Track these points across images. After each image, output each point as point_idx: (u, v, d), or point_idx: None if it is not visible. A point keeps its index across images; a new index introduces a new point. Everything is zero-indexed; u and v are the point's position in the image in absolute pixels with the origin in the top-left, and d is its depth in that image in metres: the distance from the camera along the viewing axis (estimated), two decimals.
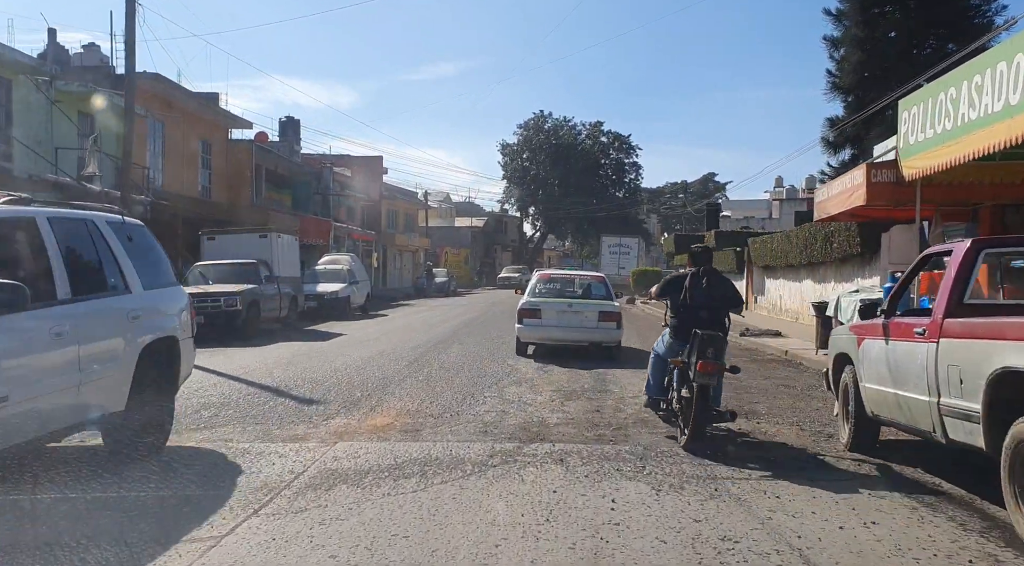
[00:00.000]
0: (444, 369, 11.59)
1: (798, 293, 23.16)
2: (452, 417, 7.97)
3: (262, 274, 17.28)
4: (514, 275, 59.48)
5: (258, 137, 32.70)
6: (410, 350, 14.05)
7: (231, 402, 8.79)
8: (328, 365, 11.93)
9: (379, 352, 13.75)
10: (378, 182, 50.30)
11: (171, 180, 25.23)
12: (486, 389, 9.79)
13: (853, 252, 17.71)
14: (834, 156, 31.60)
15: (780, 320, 23.97)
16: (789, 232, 23.31)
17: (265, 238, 18.27)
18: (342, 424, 7.63)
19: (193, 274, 17.21)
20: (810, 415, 8.49)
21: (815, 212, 15.50)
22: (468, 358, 12.98)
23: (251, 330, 16.19)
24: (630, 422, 7.88)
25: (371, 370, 11.38)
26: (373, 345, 15.01)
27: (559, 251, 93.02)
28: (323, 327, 19.54)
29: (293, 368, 11.61)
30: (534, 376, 11.08)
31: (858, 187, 11.69)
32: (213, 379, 10.59)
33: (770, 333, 17.95)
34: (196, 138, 27.21)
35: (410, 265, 56.94)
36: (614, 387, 10.18)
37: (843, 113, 31.18)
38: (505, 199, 73.14)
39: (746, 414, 8.39)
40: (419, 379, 10.56)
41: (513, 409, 8.44)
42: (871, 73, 29.68)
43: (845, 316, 12.31)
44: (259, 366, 11.92)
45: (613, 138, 72.61)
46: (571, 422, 7.80)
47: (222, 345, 14.97)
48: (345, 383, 10.15)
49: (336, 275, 23.73)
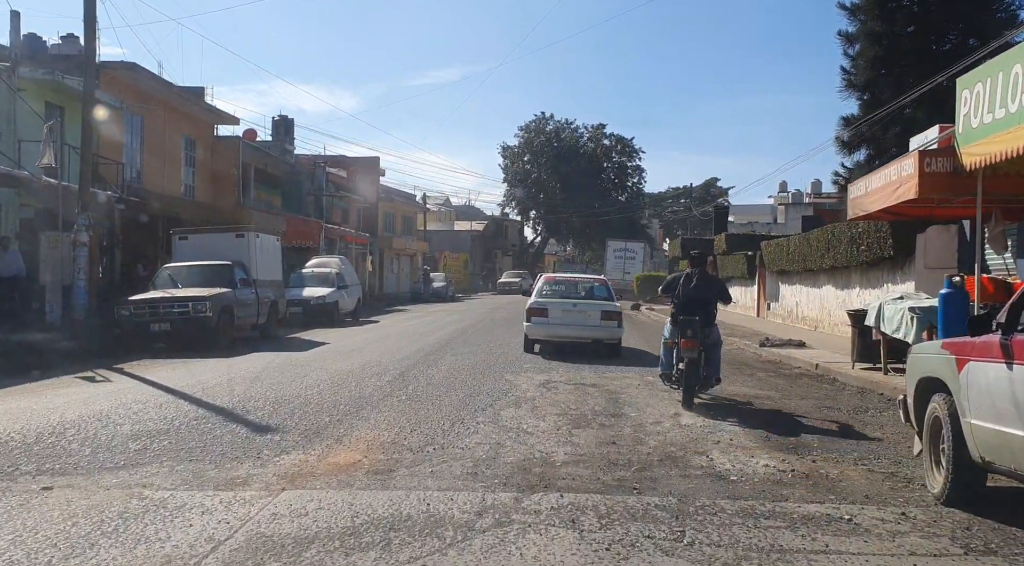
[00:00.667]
0: (432, 386, 10.08)
1: (817, 299, 21.66)
2: (435, 452, 6.47)
3: (237, 277, 15.77)
4: (514, 280, 58.01)
5: (246, 134, 31.27)
6: (397, 362, 12.54)
7: (171, 429, 7.28)
8: (300, 381, 10.42)
9: (361, 365, 12.24)
10: (375, 184, 48.84)
11: (151, 177, 23.75)
12: (479, 412, 8.28)
13: (884, 255, 16.21)
14: (849, 156, 30.14)
15: (797, 328, 22.46)
16: (808, 234, 21.82)
17: (242, 238, 16.74)
18: (297, 462, 6.12)
19: (161, 277, 15.71)
20: (873, 449, 6.97)
21: (849, 210, 14.00)
22: (461, 372, 11.47)
23: (223, 339, 14.68)
24: (655, 459, 6.36)
25: (348, 387, 9.87)
26: (356, 356, 13.50)
27: (560, 256, 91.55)
28: (306, 335, 18.02)
29: (259, 384, 10.10)
30: (536, 395, 9.57)
31: (907, 179, 10.17)
32: (161, 397, 9.08)
33: (792, 343, 16.44)
34: (179, 134, 25.75)
35: (408, 269, 55.43)
36: (630, 409, 8.67)
37: (858, 112, 29.80)
38: (506, 202, 71.64)
39: (796, 448, 6.87)
40: (401, 399, 9.05)
41: (510, 441, 6.93)
42: (888, 69, 28.27)
43: (890, 326, 10.80)
44: (221, 381, 10.41)
45: (616, 141, 71.19)
46: (582, 459, 6.29)
47: (188, 355, 13.49)
48: (314, 404, 8.64)
49: (324, 279, 22.21)
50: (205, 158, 27.37)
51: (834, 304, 20.29)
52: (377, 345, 15.63)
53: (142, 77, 22.58)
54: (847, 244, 18.16)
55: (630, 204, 69.56)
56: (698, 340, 8.96)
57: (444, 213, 76.95)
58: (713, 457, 6.46)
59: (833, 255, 19.30)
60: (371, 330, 20.07)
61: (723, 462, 6.29)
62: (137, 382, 10.49)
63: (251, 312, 16.19)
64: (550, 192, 68.52)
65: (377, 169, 49.97)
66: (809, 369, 13.24)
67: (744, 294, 31.32)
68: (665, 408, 8.79)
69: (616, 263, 50.55)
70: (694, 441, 7.06)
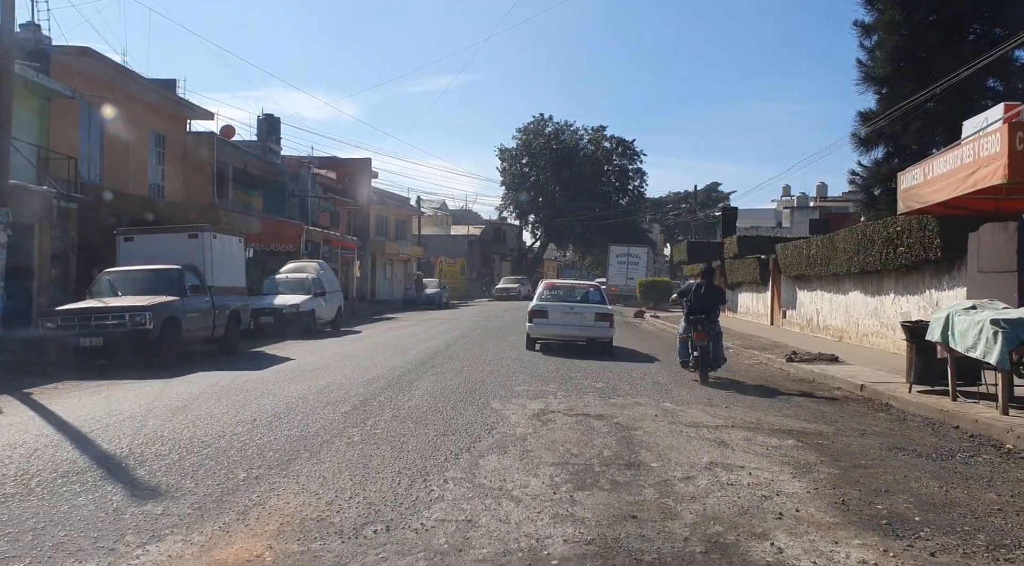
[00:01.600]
0: (398, 420, 8.05)
1: (842, 307, 19.64)
2: (375, 538, 4.44)
3: (188, 283, 13.73)
4: (513, 286, 55.98)
5: (223, 131, 29.29)
6: (364, 385, 10.50)
7: (17, 494, 5.26)
8: (235, 412, 8.39)
9: (320, 388, 10.20)
10: (366, 186, 46.84)
11: (112, 175, 21.74)
12: (451, 461, 6.25)
13: (928, 257, 14.18)
14: (867, 154, 28.20)
15: (819, 338, 20.45)
16: (834, 235, 19.81)
17: (196, 238, 14.68)
18: (165, 559, 4.10)
19: (100, 284, 13.66)
20: (1000, 527, 4.94)
21: (900, 203, 12.02)
22: (439, 399, 9.43)
23: (169, 355, 12.65)
24: (698, 549, 4.33)
25: (291, 422, 7.84)
26: (319, 376, 11.46)
27: (559, 261, 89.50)
28: (274, 349, 15.98)
29: (181, 418, 8.07)
30: (527, 431, 7.54)
31: (991, 160, 8.18)
32: (46, 438, 7.05)
33: (823, 358, 14.41)
34: (146, 129, 23.73)
35: (401, 275, 53.40)
36: (650, 456, 6.63)
37: (876, 106, 27.89)
38: (504, 206, 69.54)
39: (890, 523, 4.84)
40: (353, 440, 7.01)
41: (487, 515, 4.89)
42: (908, 61, 26.35)
43: (963, 343, 8.77)
44: (137, 413, 8.38)
45: (616, 143, 69.22)
46: (590, 553, 4.25)
47: (124, 376, 11.47)
48: (236, 448, 6.61)
49: (299, 285, 20.17)
50: (176, 155, 25.37)
51: (862, 312, 18.27)
52: (349, 361, 13.59)
53: (99, 65, 20.59)
54: (882, 245, 16.15)
55: (631, 208, 67.56)
56: (707, 333, 11.83)
57: (440, 217, 74.91)
58: (780, 543, 4.43)
59: (863, 258, 17.30)
60: (349, 342, 18.02)
61: (796, 553, 4.27)
62: (34, 415, 8.45)
63: (205, 323, 14.14)
64: (549, 195, 66.51)
65: (369, 171, 48.00)
66: (852, 391, 11.21)
67: (756, 301, 29.28)
68: (695, 451, 6.77)
69: (619, 268, 48.57)
70: (746, 512, 5.03)
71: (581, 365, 13.54)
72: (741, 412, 9.05)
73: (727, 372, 13.31)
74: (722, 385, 11.55)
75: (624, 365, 13.88)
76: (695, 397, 10.16)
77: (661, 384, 11.41)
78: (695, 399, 9.99)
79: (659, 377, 12.25)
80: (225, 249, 15.47)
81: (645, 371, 13.08)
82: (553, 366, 13.29)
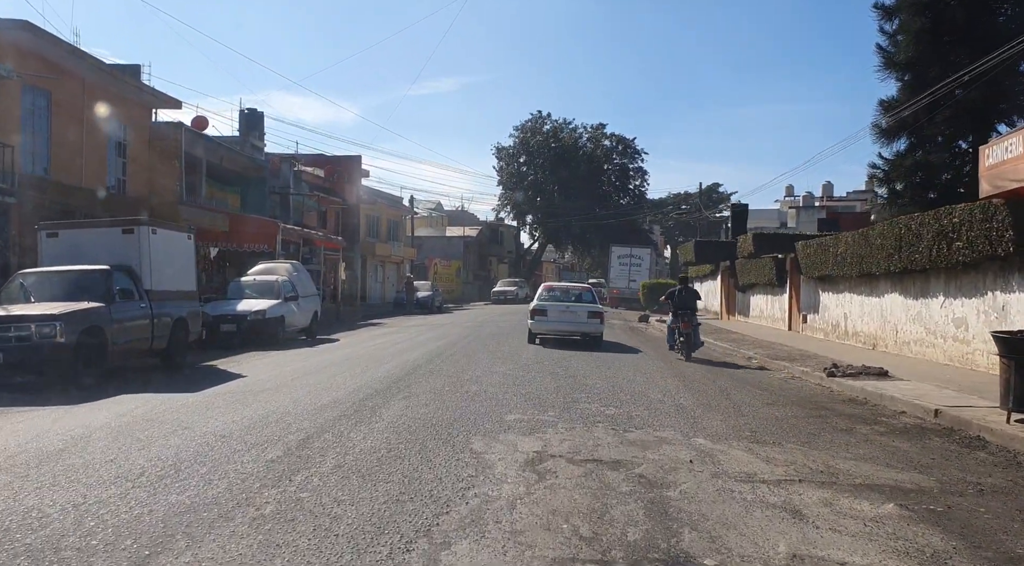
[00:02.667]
0: (340, 472, 5.87)
1: (876, 311, 17.49)
2: None
3: (117, 286, 11.54)
4: (510, 289, 53.79)
5: (195, 122, 27.09)
6: (311, 415, 8.31)
7: None
8: (124, 459, 6.21)
9: (255, 420, 8.01)
10: (356, 184, 44.63)
11: (62, 167, 19.56)
12: (397, 556, 4.08)
13: (995, 252, 11.99)
14: (888, 145, 26.10)
15: (847, 346, 18.32)
16: (868, 230, 17.66)
17: (132, 233, 12.44)
18: None
19: (11, 288, 11.47)
20: None
21: (982, 185, 9.86)
22: (404, 436, 7.25)
23: (90, 372, 10.46)
24: None
25: (187, 478, 5.65)
26: (263, 401, 9.27)
27: (558, 263, 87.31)
28: (227, 362, 13.78)
29: (43, 470, 5.89)
30: (516, 494, 5.36)
31: None
32: None
33: (871, 372, 12.23)
34: (104, 118, 21.54)
35: (394, 278, 51.23)
36: (698, 543, 4.43)
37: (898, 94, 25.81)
38: (501, 206, 67.27)
39: None
40: (263, 513, 4.82)
41: None
42: (933, 45, 24.27)
43: None
44: None
45: (617, 141, 67.08)
46: None
47: (20, 401, 9.30)
48: (80, 532, 4.43)
49: (267, 289, 17.95)
50: (139, 148, 23.18)
51: (903, 317, 16.12)
52: (309, 379, 11.40)
53: (46, 44, 18.42)
54: (931, 240, 13.98)
55: (633, 208, 65.38)
56: (690, 322, 15.67)
57: (436, 218, 72.75)
58: None
59: (907, 255, 15.16)
60: (320, 353, 15.82)
61: None
62: None
63: (141, 335, 11.94)
64: (548, 195, 64.33)
65: (359, 169, 45.76)
66: (923, 417, 9.04)
67: (771, 304, 27.09)
68: (762, 531, 4.60)
69: (621, 270, 46.35)
70: None
71: (586, 383, 11.37)
72: (800, 453, 6.88)
73: (761, 389, 11.14)
74: (759, 410, 9.39)
75: (637, 380, 11.72)
76: (732, 429, 8.00)
77: (685, 408, 9.25)
78: (733, 432, 7.83)
79: (682, 398, 10.09)
80: (169, 247, 13.26)
81: (664, 390, 10.90)
82: (552, 384, 11.12)
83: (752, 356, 16.58)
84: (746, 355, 17.00)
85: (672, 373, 13.13)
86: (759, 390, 11.28)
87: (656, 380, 12.03)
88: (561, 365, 13.81)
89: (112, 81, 21.54)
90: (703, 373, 13.34)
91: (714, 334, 22.86)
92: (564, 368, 13.30)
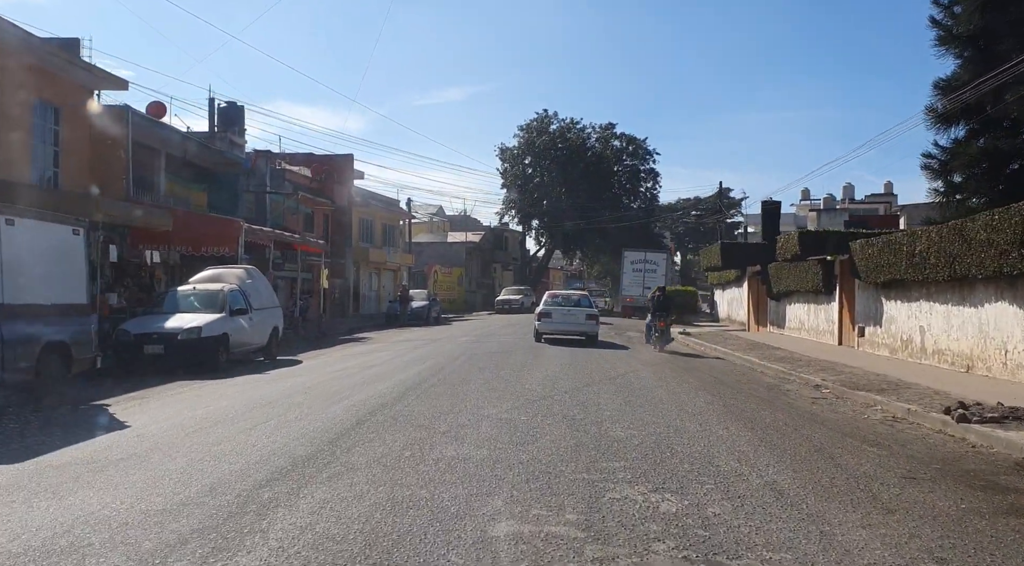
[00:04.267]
0: None
1: (973, 324, 13.88)
2: None
3: None
4: (515, 297, 50.19)
5: (151, 109, 23.71)
6: (162, 517, 4.77)
7: None
8: None
9: (67, 527, 4.47)
10: (348, 185, 41.18)
11: None
12: None
13: None
14: (945, 132, 22.54)
15: (927, 367, 14.75)
16: (961, 222, 14.03)
17: None
18: None
19: None
20: None
21: None
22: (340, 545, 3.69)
23: None
24: None
25: None
26: (108, 481, 5.76)
27: (565, 271, 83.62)
28: (123, 401, 10.17)
29: None
30: None
31: None
32: None
33: (1010, 417, 8.62)
34: (30, 98, 18.13)
35: (390, 286, 47.71)
36: None
37: (957, 72, 22.30)
38: (505, 210, 63.62)
39: None
40: None
41: None
42: (1004, 14, 20.85)
43: None
44: None
45: (627, 141, 63.40)
46: None
47: None
48: None
49: (209, 301, 14.38)
50: (77, 135, 19.71)
51: (1016, 333, 12.52)
52: (215, 432, 7.82)
53: None
54: None
55: (645, 212, 61.72)
56: (666, 321, 19.85)
57: (436, 224, 69.28)
58: None
59: (1018, 254, 11.59)
60: (261, 385, 12.19)
61: None
62: None
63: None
64: (554, 198, 60.67)
65: (352, 169, 42.28)
66: None
67: (813, 314, 23.40)
68: None
69: (634, 277, 42.65)
70: None
71: (616, 435, 7.79)
72: None
73: (870, 445, 7.55)
74: (902, 494, 5.81)
75: (689, 428, 8.14)
76: (890, 547, 4.42)
77: (785, 492, 5.69)
78: (895, 553, 4.25)
79: (773, 472, 6.50)
80: (38, 245, 9.73)
81: (732, 447, 7.31)
82: (568, 438, 7.54)
83: (819, 383, 13.00)
84: (809, 380, 13.43)
85: (730, 414, 9.53)
86: (869, 447, 7.70)
87: (713, 427, 8.44)
88: (577, 399, 10.25)
89: (41, 56, 18.08)
90: (774, 418, 9.76)
91: (754, 351, 19.26)
92: (582, 405, 9.75)
